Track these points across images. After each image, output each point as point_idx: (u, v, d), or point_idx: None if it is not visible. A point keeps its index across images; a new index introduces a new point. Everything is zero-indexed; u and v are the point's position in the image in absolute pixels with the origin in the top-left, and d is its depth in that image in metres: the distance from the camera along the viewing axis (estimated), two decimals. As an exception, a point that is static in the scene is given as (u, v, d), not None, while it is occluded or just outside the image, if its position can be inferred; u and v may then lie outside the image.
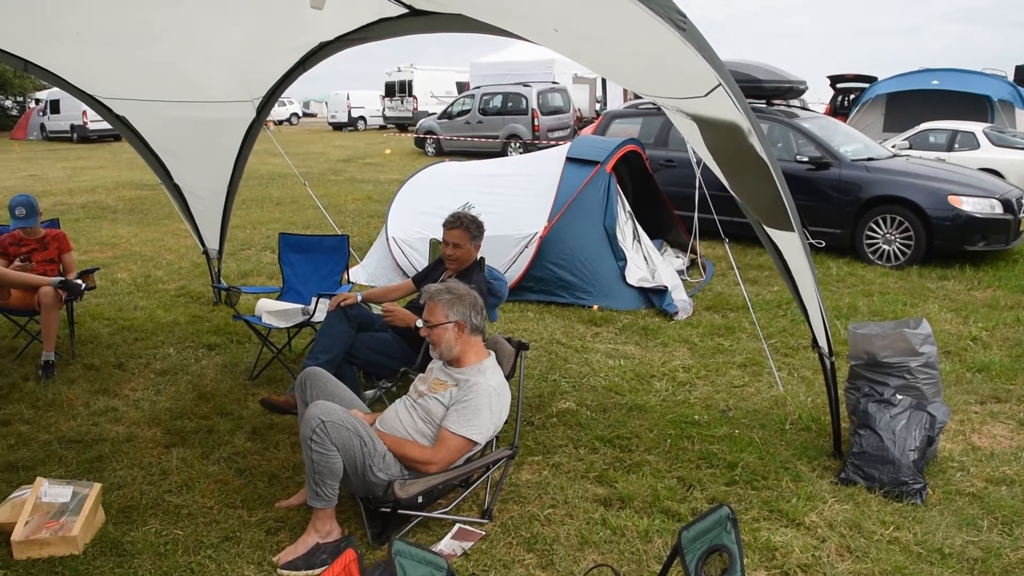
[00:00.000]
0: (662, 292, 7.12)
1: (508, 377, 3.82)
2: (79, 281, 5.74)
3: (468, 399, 3.52)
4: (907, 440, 3.94)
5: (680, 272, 8.13)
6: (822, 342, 4.11)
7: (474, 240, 4.75)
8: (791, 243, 3.75)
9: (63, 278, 5.72)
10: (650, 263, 7.53)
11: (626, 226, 7.63)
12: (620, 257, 7.34)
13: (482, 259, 4.95)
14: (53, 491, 3.74)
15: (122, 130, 6.29)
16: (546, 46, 3.70)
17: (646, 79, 3.57)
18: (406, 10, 4.65)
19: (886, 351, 4.15)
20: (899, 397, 4.09)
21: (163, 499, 3.96)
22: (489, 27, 4.04)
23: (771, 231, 3.88)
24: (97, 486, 3.78)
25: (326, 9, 4.14)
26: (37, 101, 39.22)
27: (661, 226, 8.91)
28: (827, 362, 4.16)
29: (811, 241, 9.07)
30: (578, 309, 7.13)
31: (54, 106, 34.32)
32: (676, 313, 6.92)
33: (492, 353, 3.79)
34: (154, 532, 3.67)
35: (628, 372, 5.63)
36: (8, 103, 43.84)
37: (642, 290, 7.23)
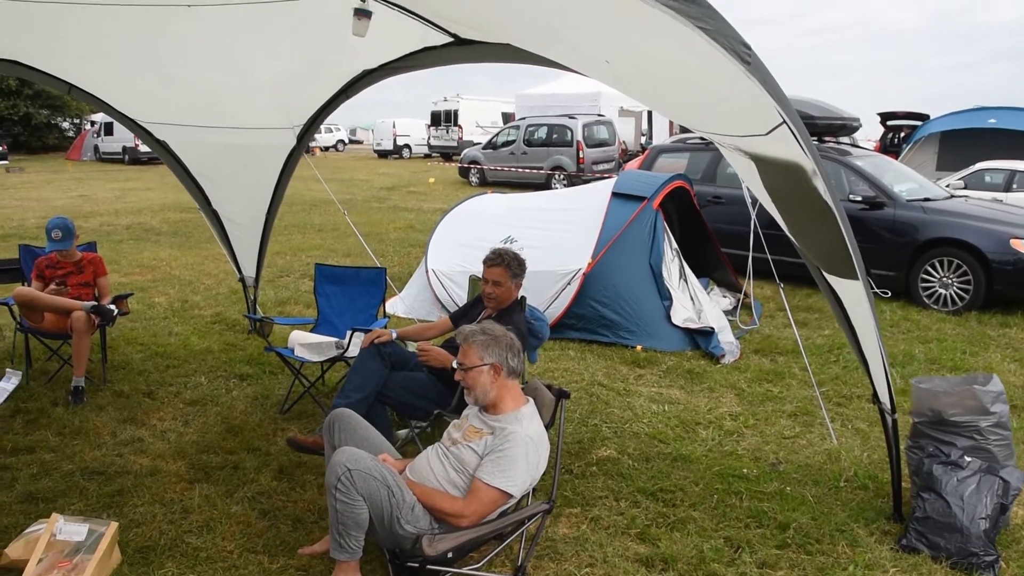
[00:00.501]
0: (708, 334, 6.86)
1: (547, 426, 3.59)
2: (112, 306, 5.66)
3: (503, 449, 3.30)
4: (977, 507, 3.64)
5: (727, 312, 7.86)
6: (884, 398, 3.84)
7: (515, 278, 4.55)
8: (854, 292, 3.50)
9: (96, 303, 5.65)
10: (696, 303, 7.28)
11: (672, 264, 7.39)
12: (665, 296, 7.10)
13: (523, 298, 4.75)
14: (68, 529, 3.59)
15: (163, 155, 6.24)
16: (596, 78, 3.53)
17: (704, 115, 3.36)
18: (451, 39, 4.53)
19: (953, 409, 3.85)
20: (968, 459, 3.78)
21: (182, 540, 3.78)
22: (537, 58, 3.88)
23: (831, 278, 3.64)
24: (114, 525, 3.63)
25: (369, 37, 4.02)
26: (92, 123, 40.13)
27: (708, 264, 8.65)
28: (889, 419, 3.88)
29: (875, 291, 8.71)
30: (621, 349, 6.89)
31: (108, 128, 35.13)
32: (723, 356, 6.65)
33: (530, 400, 3.57)
34: (170, 576, 3.51)
35: (672, 418, 5.37)
36: (65, 124, 44.90)
37: (688, 331, 6.97)
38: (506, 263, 4.52)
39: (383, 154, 41.70)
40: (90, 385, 5.73)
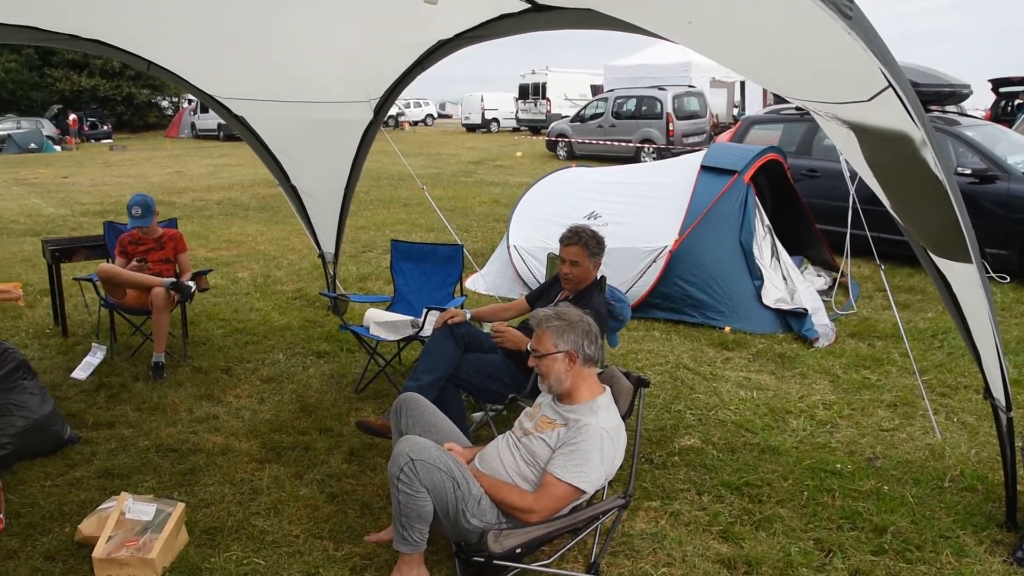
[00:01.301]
0: (801, 315, 6.49)
1: (625, 417, 3.37)
2: (190, 283, 5.67)
3: (577, 442, 3.10)
4: (1104, 517, 3.28)
5: (822, 293, 7.45)
6: (998, 393, 3.49)
7: (593, 257, 4.31)
8: (966, 276, 3.16)
9: (175, 279, 5.66)
10: (789, 283, 6.90)
11: (764, 242, 7.02)
12: (756, 275, 6.75)
13: (603, 278, 4.51)
14: (137, 508, 3.58)
15: (241, 130, 6.20)
16: (679, 42, 3.25)
17: (796, 79, 3.05)
18: (528, 5, 4.29)
19: (1078, 406, 3.48)
20: (1093, 463, 3.42)
21: (249, 522, 3.73)
22: (617, 22, 3.62)
23: (939, 260, 3.30)
24: (180, 506, 3.60)
25: (445, 6, 3.84)
26: (189, 101, 41.30)
27: (802, 242, 8.22)
28: (1003, 416, 3.52)
29: (991, 274, 8.08)
30: (708, 330, 6.59)
31: (203, 106, 35.91)
32: (816, 339, 6.28)
33: (607, 389, 3.36)
34: (235, 560, 3.44)
35: (761, 406, 5.07)
36: (164, 103, 46.35)
37: (779, 312, 6.62)
38: (583, 242, 4.28)
39: (471, 128, 41.70)
40: (171, 360, 5.78)
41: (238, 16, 4.61)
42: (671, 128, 21.66)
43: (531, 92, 36.28)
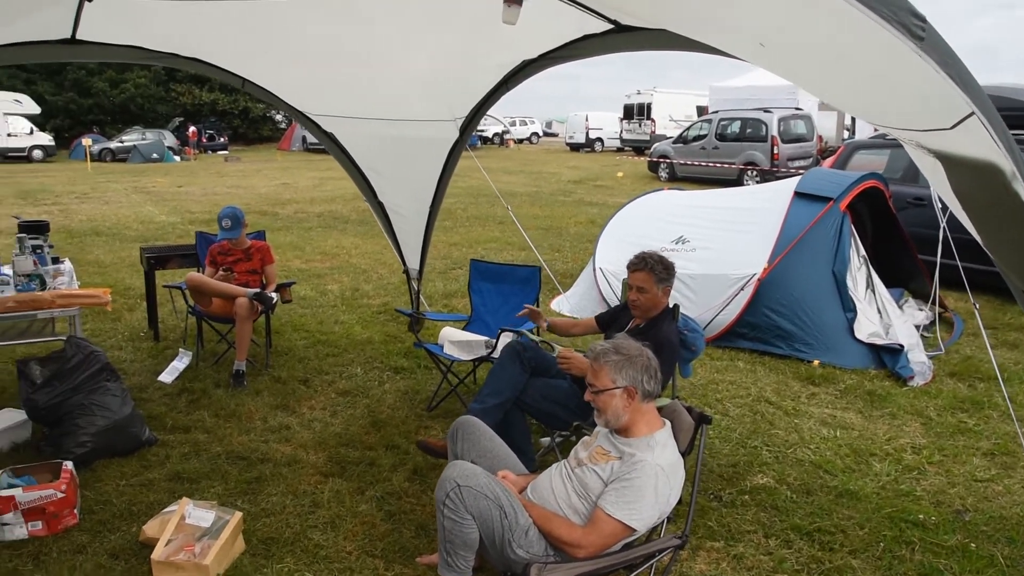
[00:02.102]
0: (896, 351, 6.17)
1: (685, 454, 3.23)
2: (273, 294, 5.79)
3: (630, 477, 2.98)
4: None
5: (921, 328, 7.07)
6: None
7: (661, 284, 4.15)
8: (1063, 321, 2.91)
9: (259, 290, 5.79)
10: (884, 317, 6.57)
11: (859, 272, 6.72)
12: (849, 308, 6.45)
13: (676, 306, 4.37)
14: (196, 514, 3.64)
15: (330, 146, 6.32)
16: (755, 63, 3.13)
17: (875, 104, 2.87)
18: (611, 26, 4.24)
19: None
20: None
21: (306, 535, 3.75)
22: (695, 43, 3.53)
23: (1037, 302, 3.06)
24: (238, 515, 3.64)
25: (527, 27, 3.80)
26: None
27: (903, 274, 7.84)
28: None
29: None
30: (795, 363, 6.33)
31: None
32: (911, 378, 5.95)
33: (667, 423, 3.22)
34: (286, 571, 3.47)
35: (844, 447, 4.82)
36: (278, 117, 48.02)
37: (872, 347, 6.31)
38: (650, 267, 4.13)
39: (575, 147, 41.71)
40: (252, 369, 5.90)
41: (327, 37, 4.71)
42: (776, 151, 21.16)
43: (636, 112, 36.02)
